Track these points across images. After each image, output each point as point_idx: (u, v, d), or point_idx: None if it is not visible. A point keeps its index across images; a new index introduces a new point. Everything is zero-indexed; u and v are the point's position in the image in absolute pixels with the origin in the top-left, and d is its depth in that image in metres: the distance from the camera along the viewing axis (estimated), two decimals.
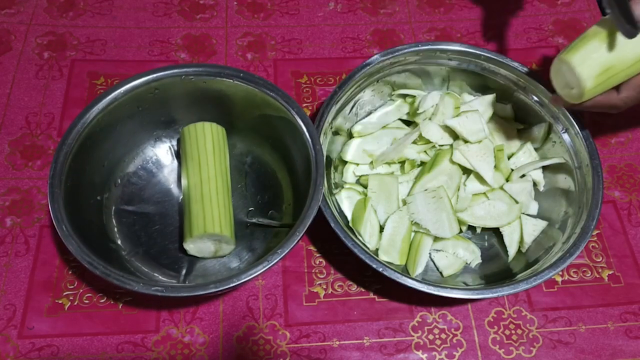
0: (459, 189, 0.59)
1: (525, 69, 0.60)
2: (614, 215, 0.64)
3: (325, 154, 0.55)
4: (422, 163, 0.61)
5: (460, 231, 0.59)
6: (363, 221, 0.57)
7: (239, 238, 0.59)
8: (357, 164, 0.62)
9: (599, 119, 0.69)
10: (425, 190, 0.57)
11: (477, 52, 0.61)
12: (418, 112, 0.63)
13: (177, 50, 0.74)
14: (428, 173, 0.58)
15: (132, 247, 0.57)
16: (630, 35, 0.44)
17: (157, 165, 0.63)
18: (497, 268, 0.58)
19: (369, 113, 0.65)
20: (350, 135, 0.64)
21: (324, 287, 0.59)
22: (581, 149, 0.57)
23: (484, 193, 0.59)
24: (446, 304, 0.58)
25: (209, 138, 0.58)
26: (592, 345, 0.56)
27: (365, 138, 0.63)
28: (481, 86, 0.64)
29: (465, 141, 0.59)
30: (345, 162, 0.62)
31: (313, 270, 0.59)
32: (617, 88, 0.49)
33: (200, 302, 0.57)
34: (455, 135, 0.60)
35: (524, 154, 0.62)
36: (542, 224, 0.58)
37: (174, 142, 0.64)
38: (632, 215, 0.64)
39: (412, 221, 0.57)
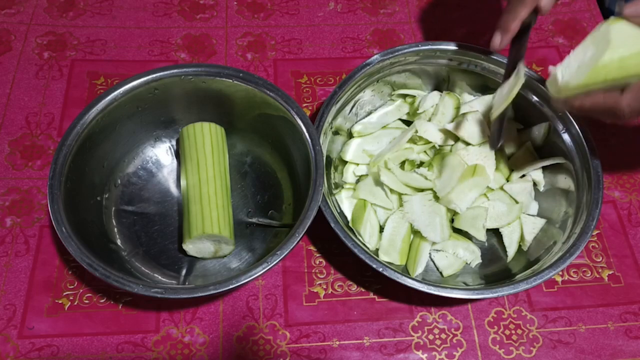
0: None
1: (526, 69, 0.60)
2: (614, 215, 0.64)
3: (325, 154, 0.55)
4: (422, 163, 0.61)
5: (460, 231, 0.59)
6: (363, 221, 0.57)
7: (239, 238, 0.59)
8: (357, 164, 0.62)
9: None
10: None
11: (477, 52, 0.61)
12: (418, 112, 0.63)
13: (177, 50, 0.74)
14: None
15: (132, 247, 0.57)
16: (493, 147, 0.56)
17: (157, 165, 0.63)
18: (497, 268, 0.58)
19: (369, 113, 0.65)
20: (350, 135, 0.64)
21: (324, 287, 0.59)
22: (581, 149, 0.57)
23: (484, 194, 0.59)
24: (446, 304, 0.58)
25: (207, 138, 0.58)
26: (592, 345, 0.56)
27: (365, 138, 0.63)
28: (481, 86, 0.64)
29: (467, 144, 0.59)
30: (345, 162, 0.62)
31: (313, 270, 0.59)
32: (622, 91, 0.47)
33: (200, 303, 0.57)
34: (456, 137, 0.60)
35: (524, 154, 0.61)
36: (541, 221, 0.58)
37: (174, 142, 0.64)
38: (632, 215, 0.64)
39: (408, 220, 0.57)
